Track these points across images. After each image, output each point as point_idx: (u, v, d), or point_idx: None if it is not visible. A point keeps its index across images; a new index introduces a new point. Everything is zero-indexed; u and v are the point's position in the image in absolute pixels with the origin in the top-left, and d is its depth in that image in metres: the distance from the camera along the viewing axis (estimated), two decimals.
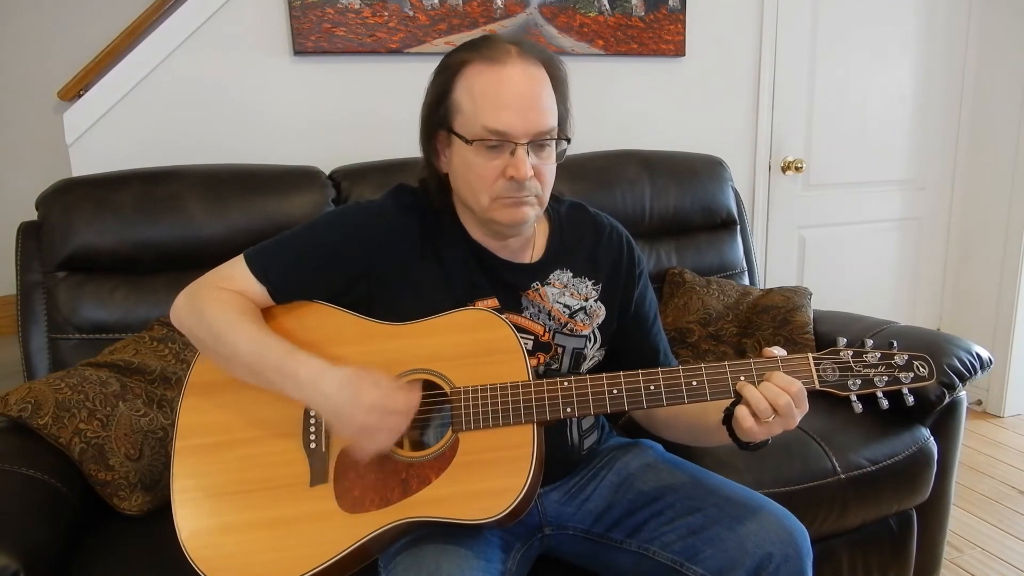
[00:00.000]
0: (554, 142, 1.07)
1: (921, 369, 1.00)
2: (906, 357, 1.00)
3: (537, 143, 1.04)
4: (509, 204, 1.06)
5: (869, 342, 1.01)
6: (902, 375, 0.99)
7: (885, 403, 1.00)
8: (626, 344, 1.24)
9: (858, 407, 0.99)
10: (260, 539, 1.01)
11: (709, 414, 1.11)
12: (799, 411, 0.98)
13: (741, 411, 0.98)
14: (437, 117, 1.08)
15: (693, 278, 2.02)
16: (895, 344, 1.01)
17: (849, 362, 1.00)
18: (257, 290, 1.10)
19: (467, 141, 1.04)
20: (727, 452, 1.14)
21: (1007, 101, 2.82)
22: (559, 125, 1.08)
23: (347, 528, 0.99)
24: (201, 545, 1.01)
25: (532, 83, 1.04)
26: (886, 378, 0.99)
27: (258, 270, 1.10)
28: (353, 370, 1.00)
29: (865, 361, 1.00)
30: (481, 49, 1.05)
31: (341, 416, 0.98)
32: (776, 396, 0.96)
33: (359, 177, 1.83)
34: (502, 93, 1.02)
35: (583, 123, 1.16)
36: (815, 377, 0.99)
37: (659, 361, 1.26)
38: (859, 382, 0.99)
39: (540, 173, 1.06)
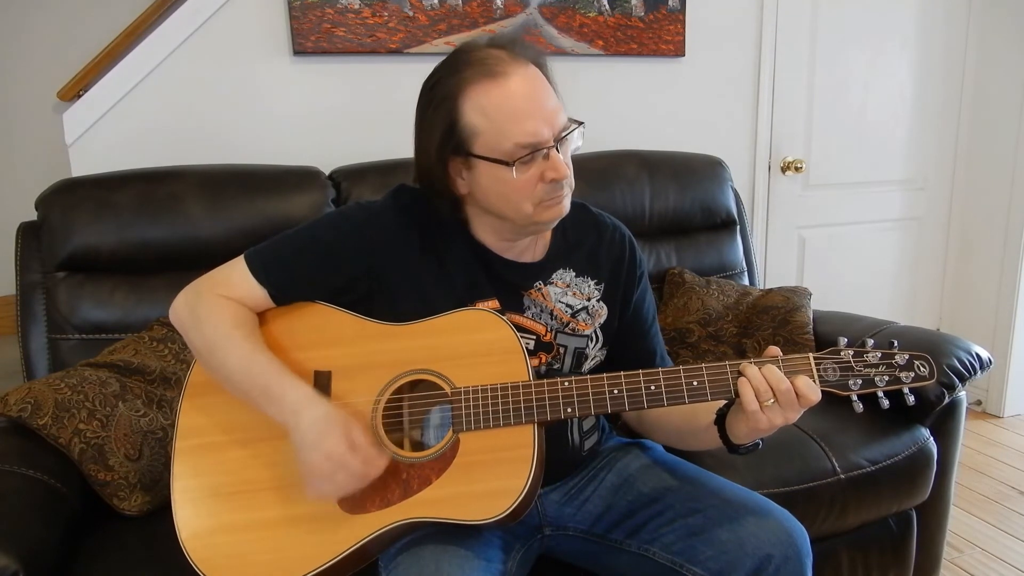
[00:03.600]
0: (573, 131, 1.07)
1: (922, 369, 1.00)
2: (907, 357, 1.00)
3: (563, 138, 1.05)
4: (551, 204, 1.07)
5: (870, 342, 1.01)
6: (903, 375, 0.99)
7: (886, 403, 1.00)
8: (623, 345, 1.24)
9: (859, 407, 0.99)
10: (260, 539, 1.01)
11: (699, 416, 1.11)
12: (802, 407, 0.98)
13: (744, 388, 0.97)
14: (451, 146, 1.04)
15: (693, 278, 2.02)
16: (896, 344, 1.01)
17: (850, 362, 1.00)
18: (258, 292, 1.10)
19: (507, 163, 1.02)
20: (727, 453, 1.14)
21: (1007, 101, 2.82)
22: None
23: (347, 529, 0.99)
24: (201, 545, 1.01)
25: (536, 85, 1.04)
26: (887, 378, 0.99)
27: (259, 271, 1.10)
28: (333, 413, 0.99)
29: (866, 361, 1.00)
30: (472, 66, 1.03)
31: (302, 451, 0.98)
32: (779, 380, 0.96)
33: (359, 177, 1.83)
34: (518, 106, 1.01)
35: None
36: (816, 377, 0.99)
37: (655, 363, 1.25)
38: (860, 382, 0.99)
39: (568, 164, 1.07)
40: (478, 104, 1.02)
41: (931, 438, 1.64)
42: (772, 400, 0.96)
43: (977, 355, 1.67)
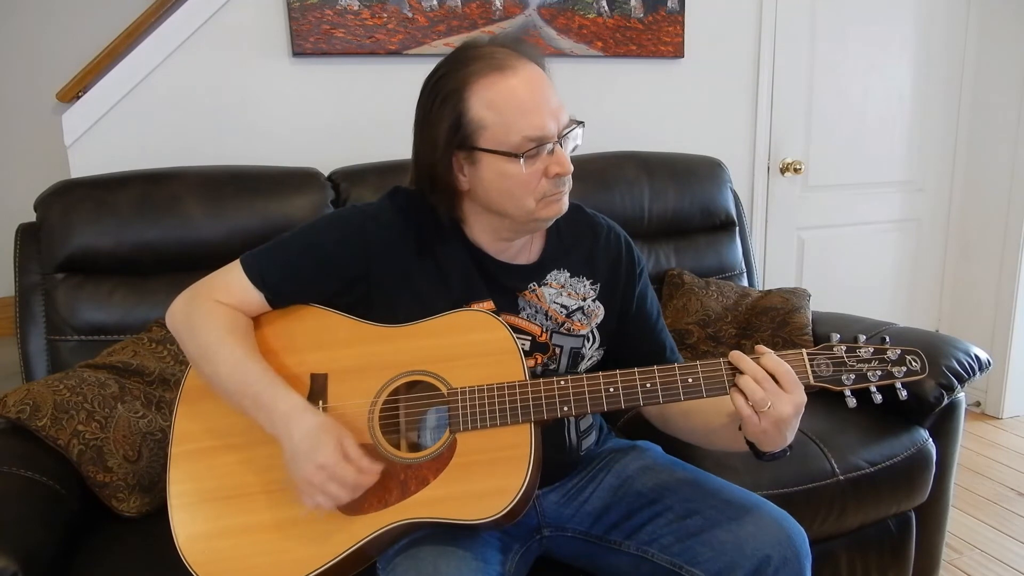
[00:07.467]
0: (575, 129, 1.08)
1: (913, 363, 1.01)
2: (899, 351, 1.01)
3: (565, 135, 1.06)
4: (553, 200, 1.08)
5: (862, 338, 1.02)
6: (895, 369, 1.00)
7: (879, 397, 1.01)
8: (631, 344, 1.23)
9: (852, 402, 1.00)
10: (257, 542, 1.01)
11: (724, 413, 1.10)
12: (785, 389, 0.97)
13: (735, 397, 0.97)
14: (456, 140, 1.04)
15: (692, 279, 2.02)
16: (887, 339, 1.02)
17: (843, 357, 1.01)
18: (255, 296, 1.09)
19: (515, 155, 1.02)
20: (726, 454, 1.14)
21: (1006, 102, 2.82)
22: None
23: (345, 530, 0.99)
24: (198, 550, 1.01)
25: (542, 81, 1.05)
26: (879, 372, 1.00)
27: (255, 276, 1.09)
28: (326, 423, 0.99)
29: (858, 356, 1.01)
30: (478, 61, 1.03)
31: (294, 461, 0.97)
32: (776, 365, 0.97)
33: (358, 178, 1.83)
34: (526, 100, 1.02)
35: None
36: (809, 372, 1.00)
37: (666, 358, 1.25)
38: (853, 376, 1.00)
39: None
40: (485, 98, 1.02)
41: (930, 439, 1.64)
42: (768, 405, 0.96)
43: (976, 356, 1.67)
